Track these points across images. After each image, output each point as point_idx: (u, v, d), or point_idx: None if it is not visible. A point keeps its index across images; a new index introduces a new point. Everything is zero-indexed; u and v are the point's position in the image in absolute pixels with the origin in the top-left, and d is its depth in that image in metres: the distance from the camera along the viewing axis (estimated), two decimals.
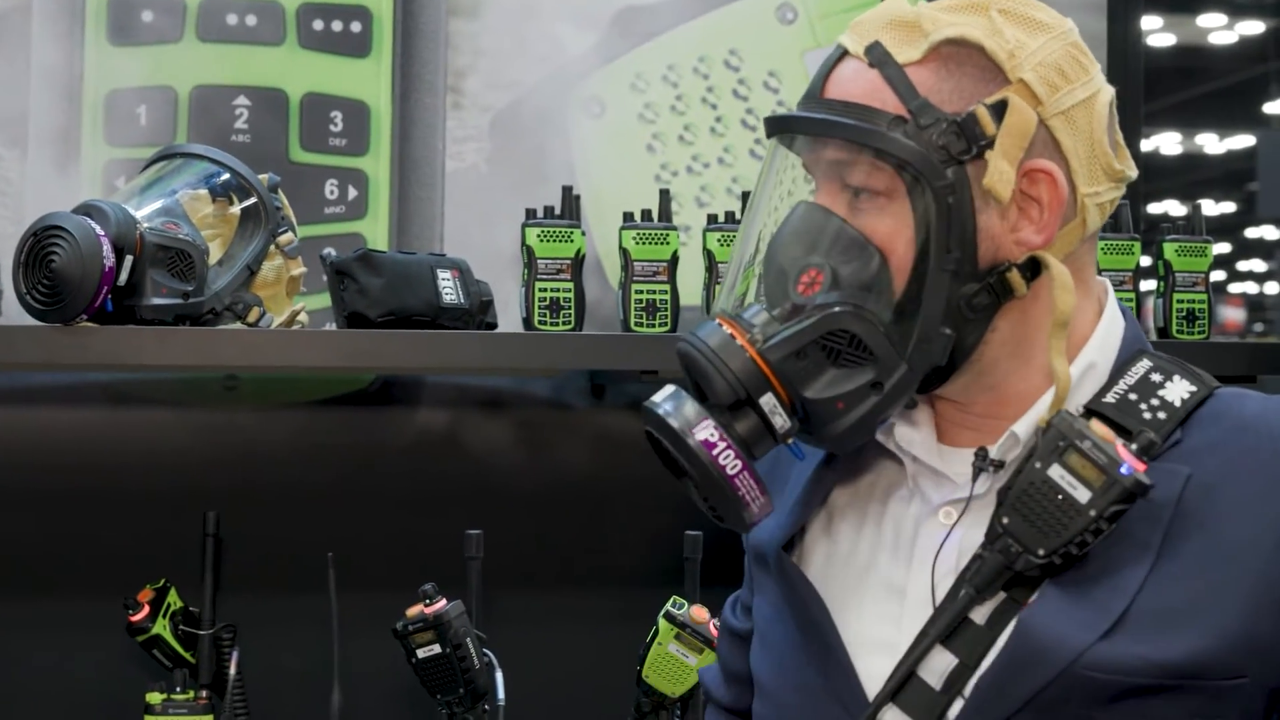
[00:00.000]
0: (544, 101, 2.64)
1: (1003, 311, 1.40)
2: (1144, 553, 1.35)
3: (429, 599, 2.11)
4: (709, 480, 1.38)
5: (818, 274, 1.39)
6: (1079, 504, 1.33)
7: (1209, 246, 2.42)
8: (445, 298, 2.23)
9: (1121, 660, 1.32)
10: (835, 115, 1.40)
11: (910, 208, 1.38)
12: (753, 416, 1.39)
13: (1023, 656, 1.35)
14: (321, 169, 2.58)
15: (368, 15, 2.60)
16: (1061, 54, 1.42)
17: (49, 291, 2.00)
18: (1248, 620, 1.32)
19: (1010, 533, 1.36)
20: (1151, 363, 1.43)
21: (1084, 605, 1.34)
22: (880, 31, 1.42)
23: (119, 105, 2.53)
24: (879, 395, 1.38)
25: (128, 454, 2.52)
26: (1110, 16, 2.78)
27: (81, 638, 2.47)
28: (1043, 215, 1.40)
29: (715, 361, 1.38)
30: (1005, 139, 1.38)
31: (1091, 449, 1.33)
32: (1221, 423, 1.39)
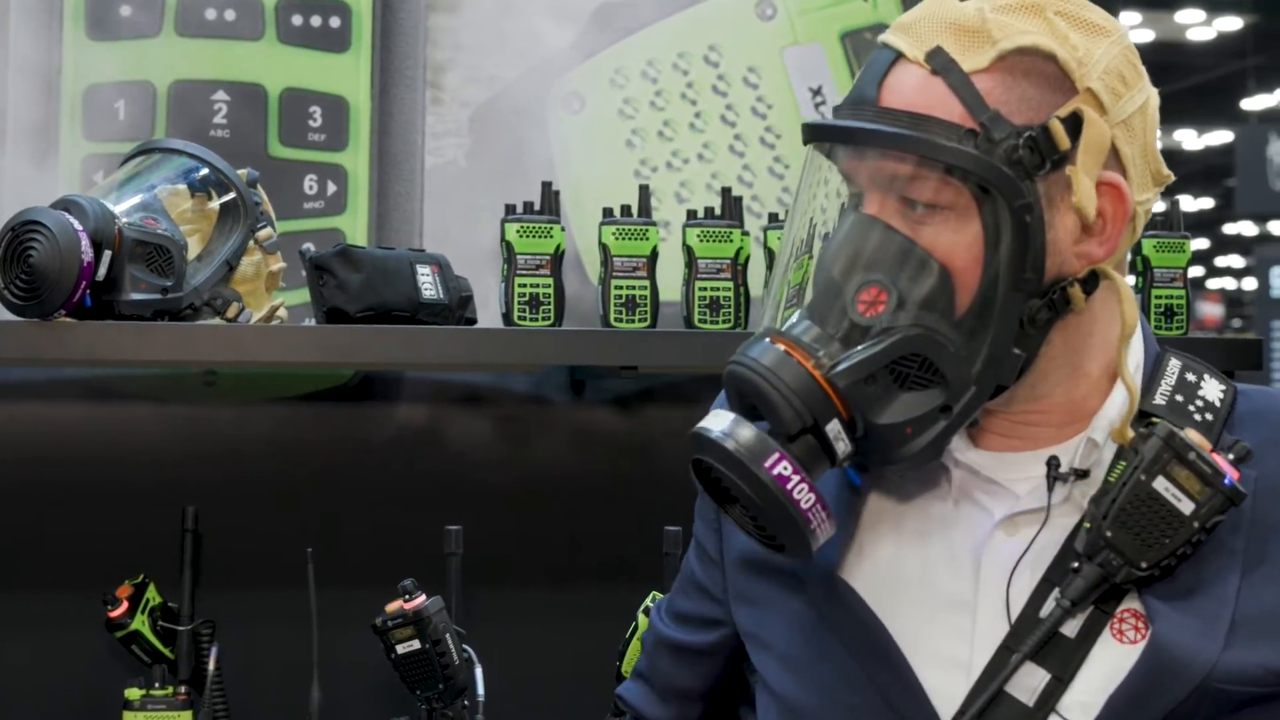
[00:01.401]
0: (523, 97, 2.64)
1: (1058, 325, 1.38)
2: (1232, 559, 1.34)
3: (408, 594, 2.10)
4: (779, 513, 1.32)
5: (880, 293, 1.34)
6: (1183, 515, 1.32)
7: (1187, 242, 2.43)
8: (425, 293, 2.23)
9: (1245, 670, 1.31)
10: (903, 128, 1.34)
11: (980, 224, 1.33)
12: (811, 440, 1.33)
13: (1158, 671, 1.32)
14: (300, 164, 2.58)
15: (347, 10, 2.60)
16: (1121, 60, 1.39)
17: (27, 287, 1.99)
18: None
19: (1113, 545, 1.33)
20: (1179, 361, 1.42)
21: (1195, 616, 1.33)
22: (941, 36, 1.36)
23: (97, 100, 2.53)
24: (948, 419, 1.35)
25: (106, 449, 2.51)
26: None
27: (60, 633, 2.46)
28: (1107, 229, 1.37)
29: (780, 386, 1.32)
30: (1084, 154, 1.34)
31: (1196, 460, 1.32)
32: (1264, 421, 1.39)
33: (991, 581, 1.40)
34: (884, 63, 1.38)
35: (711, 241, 2.27)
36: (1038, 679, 1.36)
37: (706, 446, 1.34)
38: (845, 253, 1.35)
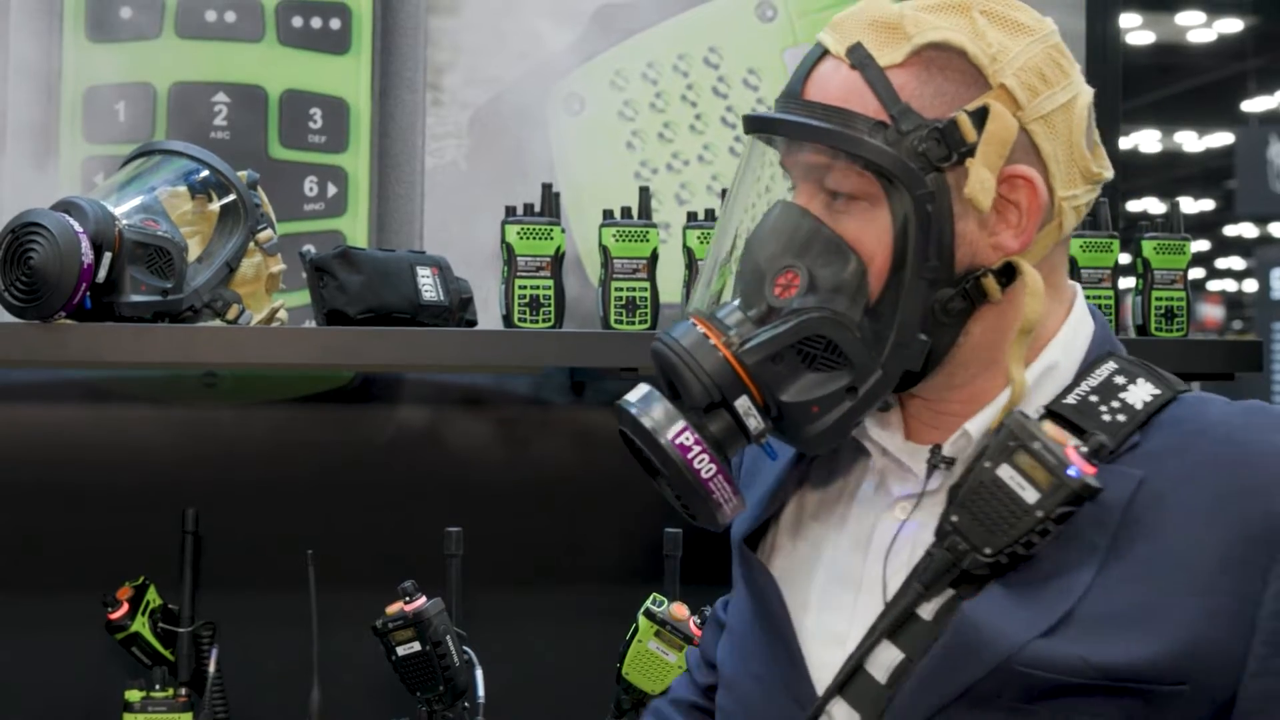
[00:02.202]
0: (524, 98, 2.64)
1: (976, 315, 1.41)
2: (1091, 555, 1.34)
3: (408, 596, 2.10)
4: (682, 482, 1.38)
5: (794, 276, 1.39)
6: (1026, 504, 1.33)
7: (1187, 244, 2.43)
8: (425, 295, 2.23)
9: (1059, 659, 1.32)
10: (816, 119, 1.39)
11: (890, 213, 1.38)
12: (726, 417, 1.39)
13: (961, 648, 1.35)
14: (301, 166, 2.58)
15: (347, 12, 2.60)
16: (1042, 57, 1.42)
17: (27, 289, 2.00)
18: (1191, 628, 1.31)
19: (959, 530, 1.36)
20: (1117, 365, 1.42)
21: (1028, 604, 1.34)
22: (862, 32, 1.41)
23: (98, 102, 2.53)
24: (854, 400, 1.38)
25: (107, 451, 2.51)
26: (1089, 14, 2.78)
27: (60, 635, 2.46)
28: (1021, 220, 1.39)
29: (690, 363, 1.38)
30: (986, 147, 1.37)
31: (1041, 450, 1.33)
32: (1181, 427, 1.38)
33: (875, 562, 1.44)
34: (813, 58, 1.43)
35: None
36: (893, 657, 1.39)
37: (623, 417, 1.41)
38: (768, 238, 1.41)
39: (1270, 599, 1.30)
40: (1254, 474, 1.33)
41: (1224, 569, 1.31)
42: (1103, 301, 2.39)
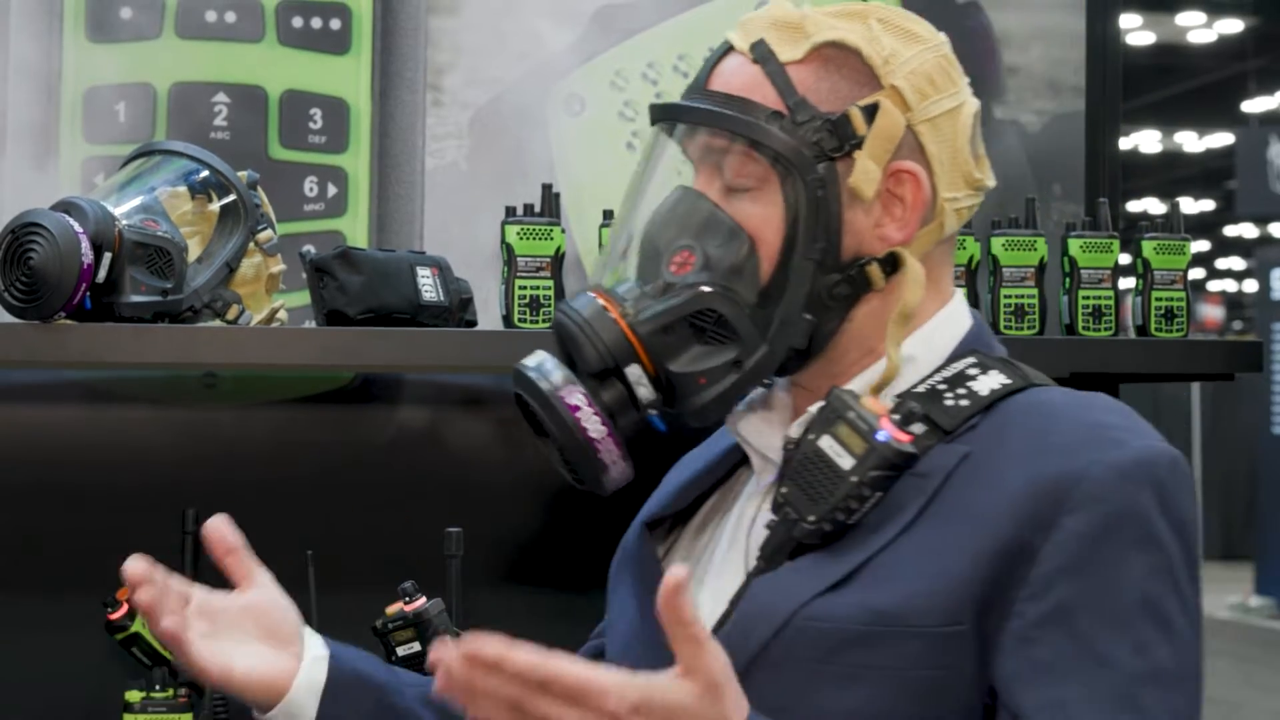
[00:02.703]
0: (524, 99, 2.64)
1: (860, 302, 1.48)
2: (901, 517, 1.40)
3: (408, 597, 2.11)
4: (572, 442, 1.45)
5: (690, 255, 1.47)
6: (842, 470, 1.40)
7: (1187, 244, 2.43)
8: (425, 295, 2.23)
9: (839, 609, 1.38)
10: (717, 106, 1.47)
11: (782, 198, 1.46)
12: (618, 386, 1.46)
13: (749, 614, 1.42)
14: (301, 166, 2.58)
15: (347, 12, 2.60)
16: (933, 65, 1.50)
17: (27, 289, 2.00)
18: (964, 569, 1.36)
19: (789, 502, 1.43)
20: (976, 360, 1.49)
21: (826, 564, 1.41)
22: (765, 30, 1.49)
23: (97, 102, 2.53)
24: (739, 373, 1.46)
25: (106, 452, 2.51)
26: (1089, 14, 2.79)
27: (60, 636, 2.46)
28: (904, 214, 1.47)
29: (587, 330, 1.45)
30: (874, 140, 1.46)
31: (855, 419, 1.40)
32: (1015, 409, 1.44)
33: (740, 544, 1.51)
34: (718, 53, 1.52)
35: None
36: None
37: (518, 379, 1.48)
38: (666, 220, 1.50)
39: (1049, 547, 1.36)
40: (1062, 438, 1.40)
41: (1012, 517, 1.37)
42: (1103, 302, 2.39)
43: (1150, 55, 14.66)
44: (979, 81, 2.71)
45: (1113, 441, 1.39)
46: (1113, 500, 1.36)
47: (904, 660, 1.36)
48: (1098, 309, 2.39)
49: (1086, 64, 2.77)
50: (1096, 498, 1.36)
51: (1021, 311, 2.38)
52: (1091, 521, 1.36)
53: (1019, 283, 2.38)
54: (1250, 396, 12.86)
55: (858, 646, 1.37)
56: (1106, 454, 1.38)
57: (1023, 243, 2.39)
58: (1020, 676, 1.35)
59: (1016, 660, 1.35)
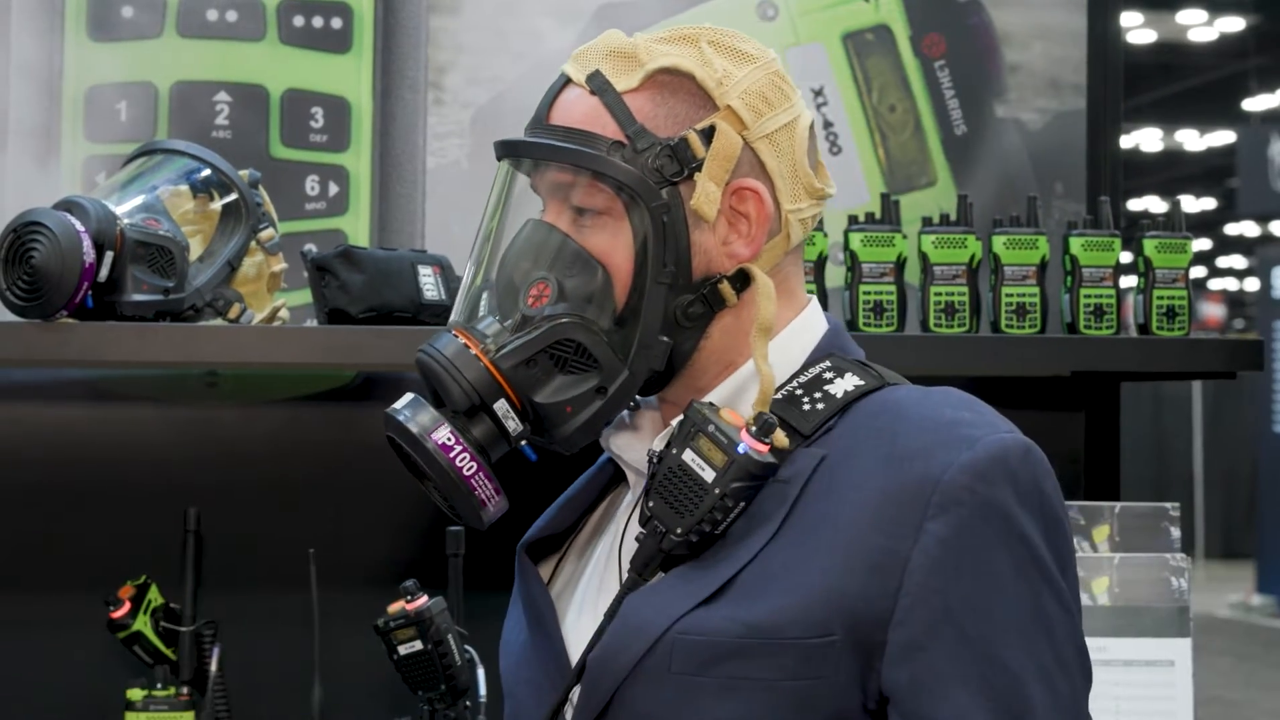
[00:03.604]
0: (525, 97, 2.62)
1: (716, 320, 1.51)
2: (766, 526, 1.43)
3: (410, 595, 2.11)
4: (447, 481, 1.48)
5: (545, 287, 1.50)
6: (705, 483, 1.43)
7: (1189, 243, 2.42)
8: (426, 294, 2.23)
9: (712, 623, 1.40)
10: (559, 140, 1.50)
11: (629, 225, 1.48)
12: (487, 421, 1.50)
13: (624, 630, 1.44)
14: (302, 165, 2.58)
15: (348, 11, 2.60)
16: (765, 83, 1.52)
17: (29, 288, 2.00)
18: (837, 580, 1.38)
19: (656, 515, 1.45)
20: (831, 364, 1.52)
21: (696, 577, 1.43)
22: (600, 61, 1.52)
23: (99, 101, 2.53)
24: (604, 399, 1.49)
25: (108, 450, 2.52)
26: (1090, 13, 2.78)
27: (62, 634, 2.46)
28: (750, 230, 1.50)
29: (451, 370, 1.49)
30: (712, 162, 1.48)
31: (715, 432, 1.44)
32: (866, 410, 1.47)
33: (614, 558, 1.54)
34: (557, 87, 1.54)
35: None
36: None
37: (389, 423, 1.52)
38: (519, 254, 1.52)
39: (918, 553, 1.38)
40: (913, 440, 1.42)
41: (876, 526, 1.39)
42: (1104, 300, 2.39)
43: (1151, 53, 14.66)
44: (980, 80, 2.73)
45: (964, 440, 1.41)
46: (971, 502, 1.39)
47: (778, 672, 1.39)
48: (1099, 307, 2.39)
49: (1088, 62, 2.77)
50: (956, 501, 1.38)
51: (1023, 310, 2.37)
52: (955, 525, 1.38)
53: (1020, 281, 2.38)
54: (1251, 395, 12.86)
55: (732, 659, 1.40)
56: (960, 455, 1.40)
57: (1024, 241, 2.38)
58: (916, 684, 1.37)
59: (910, 668, 1.38)
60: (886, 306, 2.35)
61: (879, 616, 1.38)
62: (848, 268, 2.36)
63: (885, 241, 2.36)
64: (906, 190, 2.70)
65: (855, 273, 2.35)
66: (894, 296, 2.35)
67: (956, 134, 2.73)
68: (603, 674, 1.44)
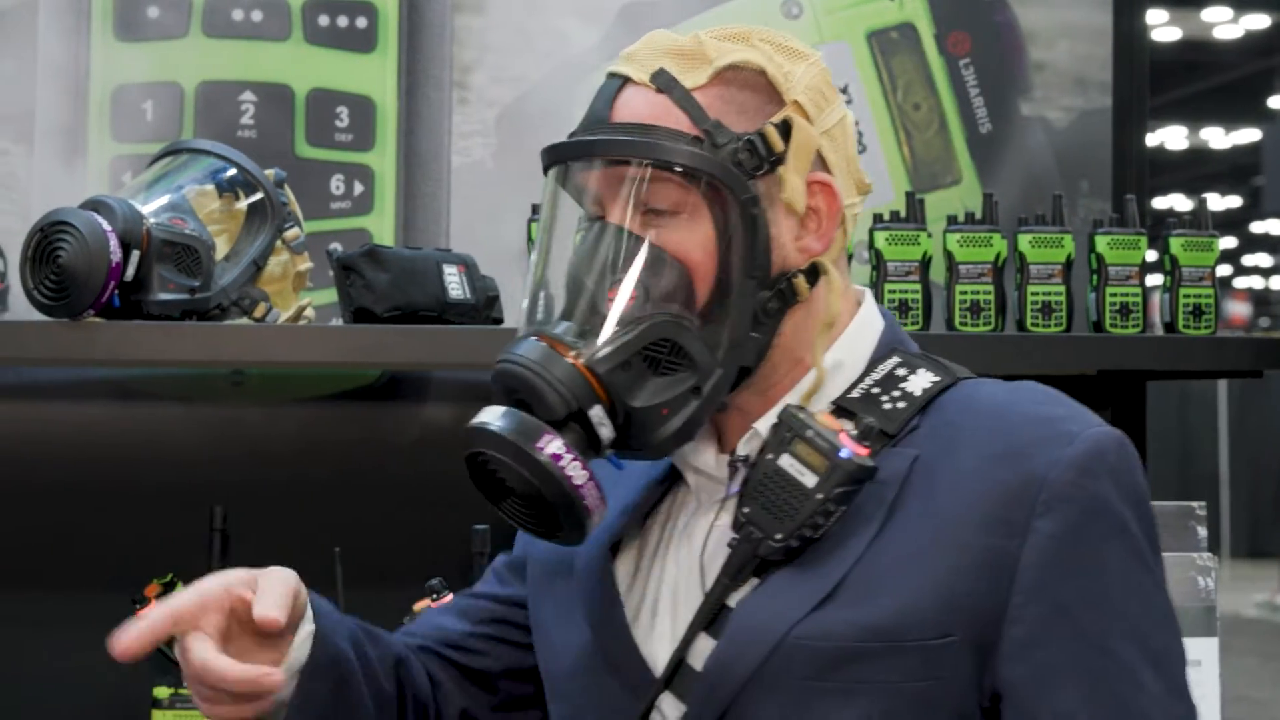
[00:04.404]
0: (550, 96, 2.64)
1: (788, 316, 1.49)
2: (867, 527, 1.42)
3: (436, 594, 2.11)
4: (558, 493, 1.41)
5: (630, 289, 1.45)
6: (807, 489, 1.42)
7: (1215, 241, 2.42)
8: (451, 293, 2.23)
9: (830, 627, 1.39)
10: (635, 136, 1.46)
11: (711, 221, 1.46)
12: (578, 429, 1.43)
13: (741, 635, 1.42)
14: (327, 164, 2.59)
15: (373, 11, 2.60)
16: (820, 79, 1.52)
17: (56, 287, 2.00)
18: (952, 580, 1.38)
19: (752, 521, 1.44)
20: (900, 359, 1.51)
21: (804, 582, 1.42)
22: (662, 59, 1.50)
23: (125, 101, 2.53)
24: (699, 399, 1.45)
25: (134, 449, 2.52)
26: (1115, 10, 2.78)
27: (89, 633, 2.46)
28: (821, 224, 1.50)
29: (545, 375, 1.42)
30: (794, 156, 1.47)
31: (814, 437, 1.42)
32: (953, 406, 1.46)
33: (695, 565, 1.51)
34: (613, 89, 1.51)
35: None
36: (709, 647, 1.46)
37: (481, 438, 1.44)
38: (596, 257, 1.47)
39: (1028, 552, 1.38)
40: (1013, 438, 1.42)
41: (984, 525, 1.39)
42: (1130, 299, 2.38)
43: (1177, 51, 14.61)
44: (1006, 78, 2.72)
45: (1064, 436, 1.41)
46: (1078, 498, 1.39)
47: (899, 674, 1.38)
48: (1125, 306, 2.39)
49: (1113, 60, 2.77)
50: (1064, 498, 1.39)
51: (1049, 308, 2.37)
52: (1064, 522, 1.39)
53: (1046, 280, 2.38)
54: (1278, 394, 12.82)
55: (853, 663, 1.39)
56: (1061, 451, 1.40)
57: (1050, 240, 2.38)
58: (1033, 680, 1.38)
59: (1027, 664, 1.38)
60: (912, 305, 2.35)
61: (993, 615, 1.38)
62: (873, 266, 2.36)
63: (910, 240, 2.36)
64: (931, 189, 2.70)
65: (880, 271, 2.35)
66: (919, 295, 2.35)
67: (981, 132, 2.73)
68: (720, 682, 1.42)
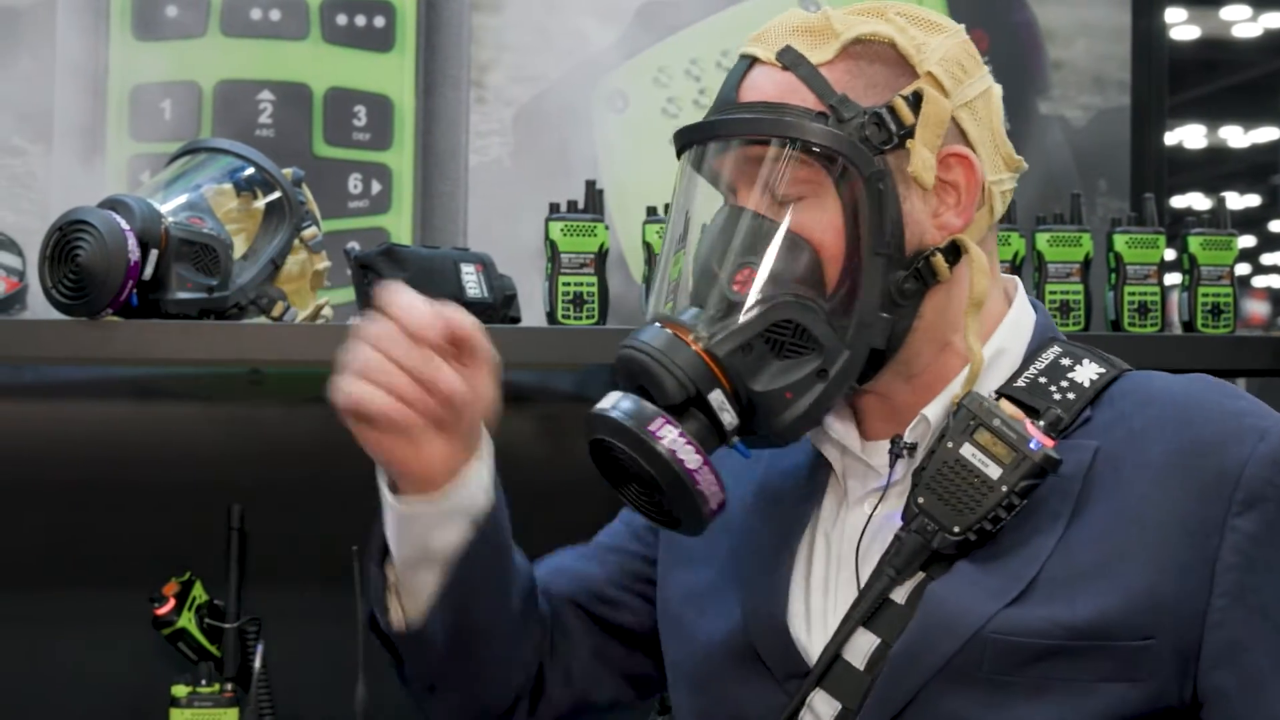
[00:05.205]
0: (567, 95, 2.64)
1: (928, 297, 1.45)
2: (1054, 522, 1.38)
3: None
4: (672, 479, 1.38)
5: (751, 271, 1.42)
6: (991, 480, 1.38)
7: (1234, 240, 2.41)
8: (469, 292, 2.23)
9: (1029, 623, 1.36)
10: (759, 114, 1.44)
11: (837, 199, 1.42)
12: (700, 416, 1.40)
13: (933, 625, 1.38)
14: (345, 163, 2.59)
15: (391, 10, 2.60)
16: (959, 50, 1.48)
17: (74, 286, 2.01)
18: (1152, 581, 1.35)
19: (926, 512, 1.40)
20: (1062, 349, 1.48)
21: (995, 575, 1.38)
22: (789, 37, 1.47)
23: (144, 100, 2.54)
24: (825, 382, 1.41)
25: (152, 448, 2.53)
26: (1134, 10, 2.78)
27: (107, 631, 2.47)
28: (960, 199, 1.45)
29: (664, 361, 1.39)
30: (924, 128, 1.43)
31: (1001, 427, 1.38)
32: (1129, 399, 1.43)
33: (846, 555, 1.47)
34: (742, 69, 1.49)
35: None
36: (870, 643, 1.42)
37: (598, 423, 1.42)
38: (719, 241, 1.44)
39: (1227, 552, 1.35)
40: (1202, 433, 1.38)
41: (1181, 525, 1.36)
42: (1148, 298, 2.38)
43: (1195, 50, 14.57)
44: (1024, 77, 2.72)
45: (1254, 431, 1.38)
46: (1276, 496, 1.37)
47: (1096, 674, 1.36)
48: (1143, 305, 2.38)
49: (1132, 59, 2.76)
50: (1261, 496, 1.36)
51: (1067, 308, 2.37)
52: (1263, 520, 1.36)
53: (1064, 278, 2.37)
54: None
55: (1047, 660, 1.36)
56: (1255, 448, 1.37)
57: (1068, 238, 2.38)
58: (1242, 685, 1.36)
59: (1234, 670, 1.36)
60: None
61: (1195, 617, 1.36)
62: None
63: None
64: None
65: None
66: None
67: None
68: (908, 670, 1.39)
